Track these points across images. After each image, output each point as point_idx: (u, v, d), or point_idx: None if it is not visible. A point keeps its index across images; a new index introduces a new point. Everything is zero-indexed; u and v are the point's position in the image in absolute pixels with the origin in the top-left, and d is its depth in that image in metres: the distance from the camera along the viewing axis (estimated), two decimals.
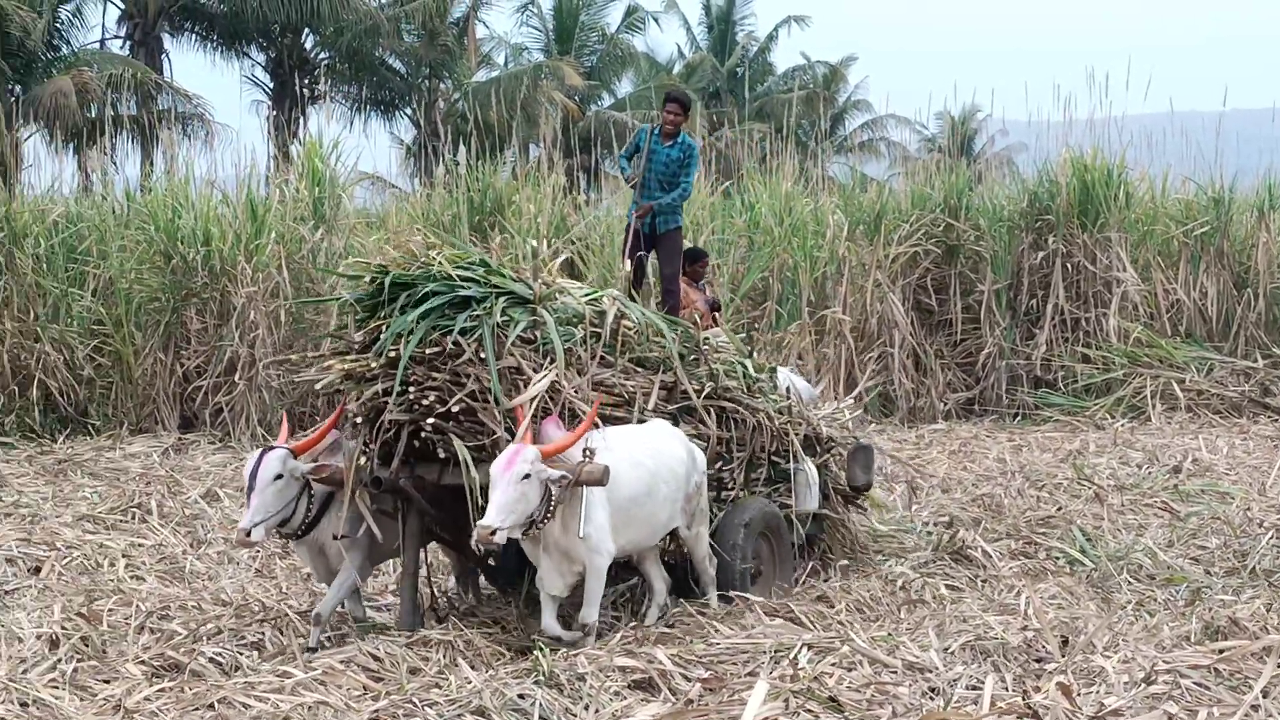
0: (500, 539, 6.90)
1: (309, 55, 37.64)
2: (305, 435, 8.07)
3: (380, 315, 7.76)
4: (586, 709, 6.26)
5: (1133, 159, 19.21)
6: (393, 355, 7.51)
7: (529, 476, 6.94)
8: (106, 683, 6.82)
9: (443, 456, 7.47)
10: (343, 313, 8.57)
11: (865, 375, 17.12)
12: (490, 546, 6.98)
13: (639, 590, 8.42)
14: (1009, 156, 36.75)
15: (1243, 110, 21.83)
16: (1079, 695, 6.10)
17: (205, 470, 13.28)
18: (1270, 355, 18.13)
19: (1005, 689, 6.37)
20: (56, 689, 6.65)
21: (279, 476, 7.48)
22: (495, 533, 6.85)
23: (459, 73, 37.81)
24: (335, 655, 7.06)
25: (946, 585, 8.87)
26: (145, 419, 16.06)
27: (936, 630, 7.31)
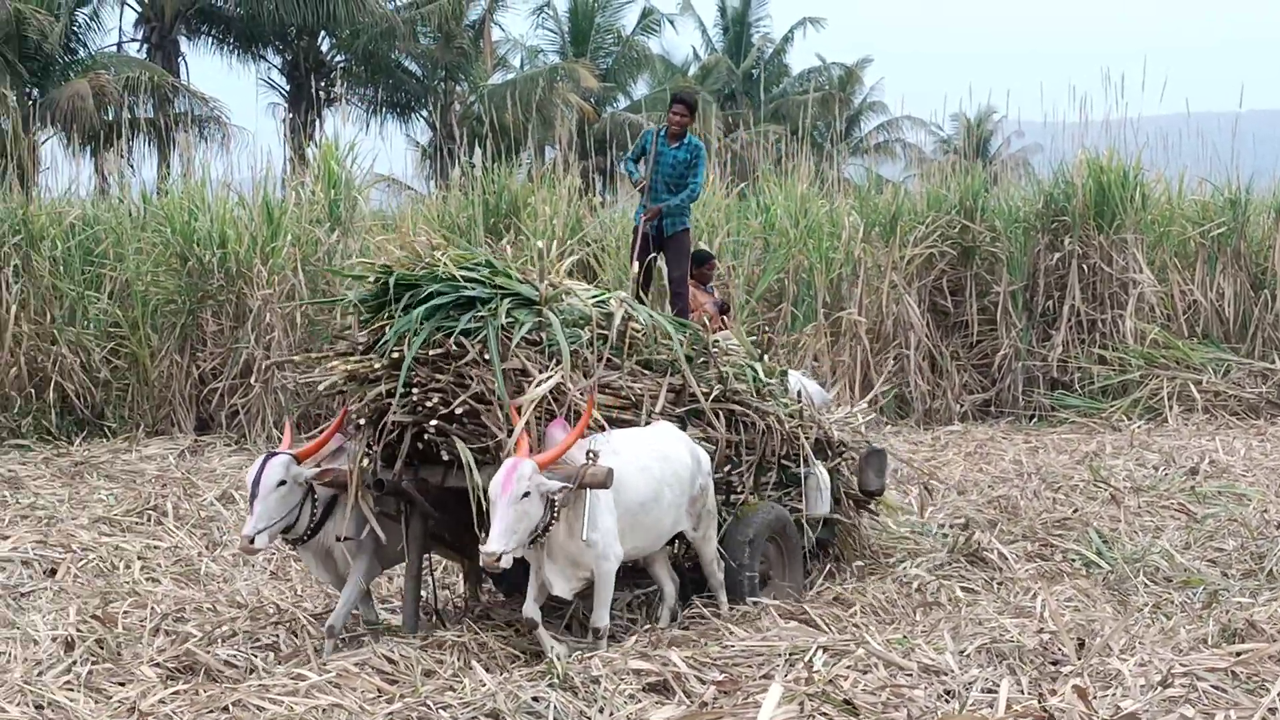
0: (506, 563, 6.82)
1: (325, 58, 37.69)
2: (308, 440, 8.04)
3: (384, 316, 7.69)
4: (601, 712, 6.25)
5: (1148, 160, 19.21)
6: (396, 356, 7.44)
7: (528, 494, 6.84)
8: (121, 685, 6.82)
9: (446, 459, 7.41)
10: (347, 313, 8.52)
11: (881, 377, 17.08)
12: (496, 571, 6.93)
13: (654, 595, 8.40)
14: (1025, 158, 36.74)
15: (1259, 111, 21.80)
16: (1095, 698, 6.09)
17: (221, 472, 13.31)
18: None
19: (1021, 692, 6.35)
20: (71, 691, 6.65)
21: (282, 483, 7.44)
22: (501, 558, 6.76)
23: (475, 75, 37.81)
24: (350, 658, 7.05)
25: (962, 588, 8.83)
26: (161, 421, 16.11)
27: (952, 633, 7.28)
